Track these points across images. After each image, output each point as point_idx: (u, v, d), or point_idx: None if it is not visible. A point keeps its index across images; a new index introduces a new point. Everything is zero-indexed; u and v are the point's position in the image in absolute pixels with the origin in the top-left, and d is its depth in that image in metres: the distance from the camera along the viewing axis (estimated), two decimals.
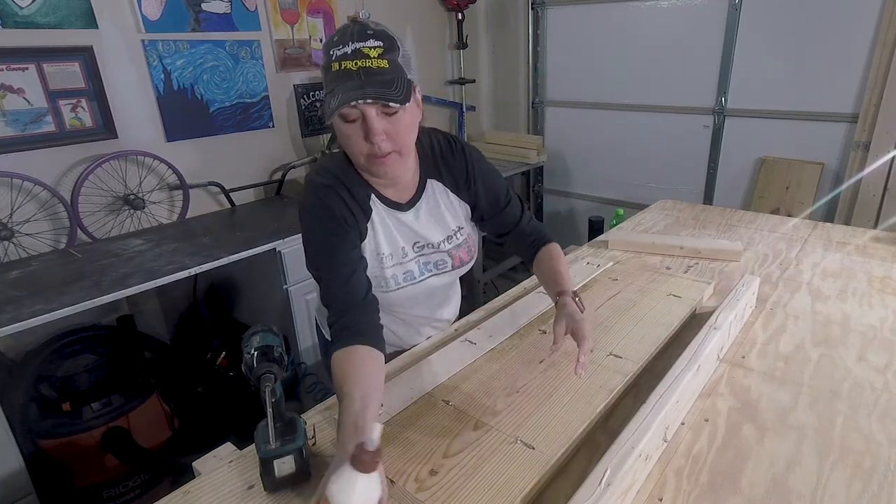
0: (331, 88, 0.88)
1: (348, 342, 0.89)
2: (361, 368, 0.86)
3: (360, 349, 0.88)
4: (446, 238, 1.11)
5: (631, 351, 1.10)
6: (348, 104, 0.85)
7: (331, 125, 0.93)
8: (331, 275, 0.96)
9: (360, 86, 0.85)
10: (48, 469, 1.76)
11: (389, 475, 0.79)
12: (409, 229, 1.07)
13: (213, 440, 1.11)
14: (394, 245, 1.07)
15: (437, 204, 1.10)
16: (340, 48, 0.87)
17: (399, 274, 1.07)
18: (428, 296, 1.16)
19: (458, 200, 1.13)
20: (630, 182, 3.30)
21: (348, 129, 0.90)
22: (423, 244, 1.10)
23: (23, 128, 1.92)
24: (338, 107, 0.85)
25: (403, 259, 1.08)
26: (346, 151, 0.97)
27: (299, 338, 2.22)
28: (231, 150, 2.51)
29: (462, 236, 1.14)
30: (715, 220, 1.96)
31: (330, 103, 0.86)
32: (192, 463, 0.90)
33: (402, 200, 1.06)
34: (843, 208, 2.56)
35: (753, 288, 1.27)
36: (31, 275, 1.81)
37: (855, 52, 2.40)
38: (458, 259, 1.13)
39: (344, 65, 0.86)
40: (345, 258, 0.96)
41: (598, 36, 3.17)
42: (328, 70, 0.89)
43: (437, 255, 1.11)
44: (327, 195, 0.97)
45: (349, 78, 0.86)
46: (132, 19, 2.12)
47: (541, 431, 0.88)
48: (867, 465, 0.82)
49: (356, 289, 0.95)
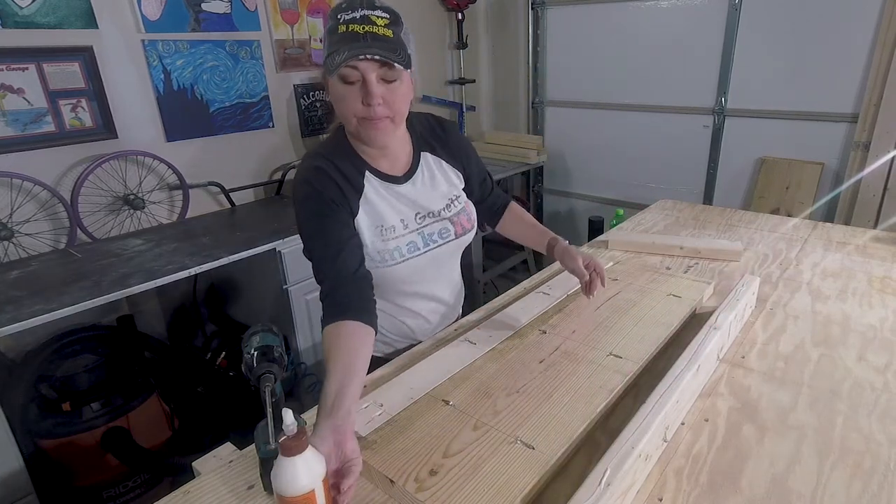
0: (335, 48, 0.89)
1: (338, 317, 0.91)
2: (347, 344, 0.88)
3: (348, 324, 0.91)
4: (446, 206, 1.15)
5: (631, 351, 1.10)
6: (355, 59, 0.88)
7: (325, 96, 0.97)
8: (321, 253, 0.99)
9: (366, 46, 0.89)
10: (48, 469, 1.76)
11: (389, 475, 0.79)
12: (408, 200, 1.10)
13: (213, 440, 1.11)
14: (394, 217, 1.08)
15: (433, 174, 1.14)
16: (349, 13, 0.90)
17: (402, 246, 1.09)
18: (435, 268, 1.18)
19: (452, 169, 1.18)
20: (630, 182, 3.30)
21: (346, 91, 0.93)
22: (423, 214, 1.12)
23: (23, 128, 1.92)
24: (343, 61, 0.88)
25: (405, 231, 1.10)
26: (340, 115, 0.98)
27: (299, 338, 2.22)
28: (231, 150, 2.51)
29: (461, 203, 1.18)
30: (715, 220, 1.96)
31: (334, 59, 0.89)
32: (192, 463, 0.90)
33: (399, 174, 1.09)
34: (843, 208, 2.56)
35: (753, 288, 1.27)
36: (31, 275, 1.81)
37: (855, 52, 2.40)
38: (459, 226, 1.16)
39: (351, 27, 0.89)
40: (335, 236, 0.99)
41: (598, 36, 3.17)
42: (333, 32, 0.91)
43: (439, 223, 1.14)
44: (317, 176, 1.00)
45: (355, 39, 0.89)
46: (132, 19, 2.12)
47: (541, 431, 0.88)
48: (867, 465, 0.82)
49: (346, 264, 0.97)
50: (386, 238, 1.07)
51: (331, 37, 0.92)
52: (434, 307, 1.24)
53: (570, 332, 1.19)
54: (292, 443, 0.68)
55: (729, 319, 1.11)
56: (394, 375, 1.06)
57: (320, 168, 1.01)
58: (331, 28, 0.92)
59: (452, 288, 1.28)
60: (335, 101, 0.97)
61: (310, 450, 0.71)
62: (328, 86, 0.97)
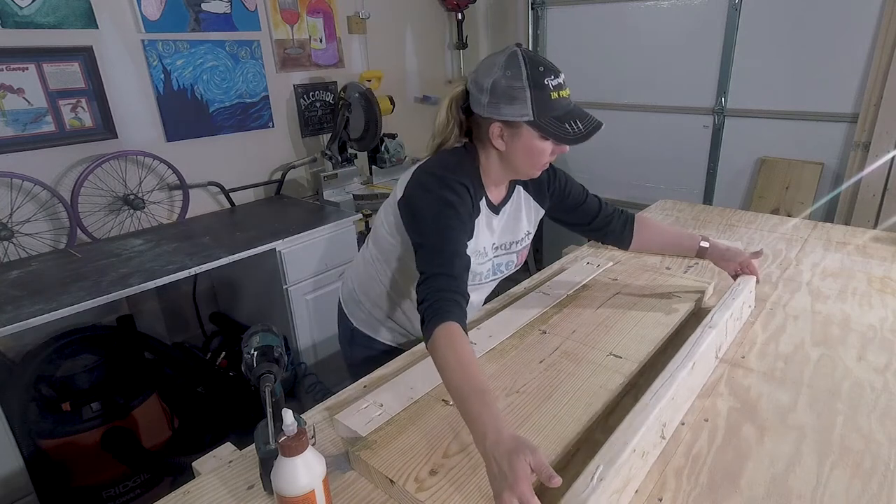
0: (556, 114, 1.00)
1: (449, 318, 0.87)
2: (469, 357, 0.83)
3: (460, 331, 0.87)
4: (519, 240, 1.24)
5: (631, 351, 1.10)
6: (594, 132, 1.02)
7: (490, 125, 1.04)
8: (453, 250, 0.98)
9: (584, 115, 1.02)
10: (48, 469, 1.76)
11: (389, 475, 0.79)
12: (495, 230, 1.19)
13: (213, 440, 1.11)
14: (482, 245, 1.17)
15: (518, 208, 1.22)
16: (553, 78, 1.00)
17: (483, 271, 1.19)
18: (486, 292, 1.30)
19: (535, 206, 1.26)
20: (630, 182, 3.30)
21: (544, 146, 1.04)
22: (499, 245, 1.21)
23: (23, 128, 1.92)
24: (587, 135, 1.01)
25: (485, 259, 1.19)
26: (526, 160, 1.07)
27: (299, 338, 2.22)
28: (231, 150, 2.51)
29: (528, 241, 1.27)
30: (715, 220, 1.96)
31: (568, 128, 1.00)
32: (192, 463, 0.90)
33: (496, 203, 1.18)
34: (842, 208, 2.56)
35: (750, 286, 1.27)
36: (31, 275, 1.81)
37: (855, 52, 2.40)
38: (519, 260, 1.26)
39: (561, 94, 1.01)
40: (461, 241, 1.01)
41: (598, 36, 3.17)
42: (542, 98, 0.99)
43: (507, 256, 1.23)
44: (458, 189, 1.04)
45: (569, 105, 1.02)
46: (132, 19, 2.12)
47: (541, 431, 0.88)
48: (867, 465, 0.82)
49: (467, 272, 0.99)
50: (474, 262, 1.12)
51: (538, 100, 0.99)
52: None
53: (570, 332, 1.19)
54: (292, 443, 0.69)
55: (725, 318, 1.11)
56: (394, 375, 1.06)
57: (464, 186, 1.05)
58: (536, 84, 0.98)
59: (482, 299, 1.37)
60: (527, 154, 1.05)
61: (310, 450, 0.71)
62: (507, 134, 1.04)
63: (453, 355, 0.83)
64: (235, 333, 2.45)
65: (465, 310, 0.91)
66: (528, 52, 1.02)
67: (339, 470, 0.86)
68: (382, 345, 1.37)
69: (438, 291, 0.91)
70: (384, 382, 1.04)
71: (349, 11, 2.85)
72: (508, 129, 1.04)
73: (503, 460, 0.68)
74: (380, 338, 1.36)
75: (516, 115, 1.00)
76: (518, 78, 0.99)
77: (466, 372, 0.80)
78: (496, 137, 1.05)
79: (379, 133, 2.70)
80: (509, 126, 1.03)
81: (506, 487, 0.66)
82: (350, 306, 1.38)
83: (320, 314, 2.27)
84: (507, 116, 1.01)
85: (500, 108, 1.01)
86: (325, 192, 2.67)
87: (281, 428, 0.71)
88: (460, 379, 0.80)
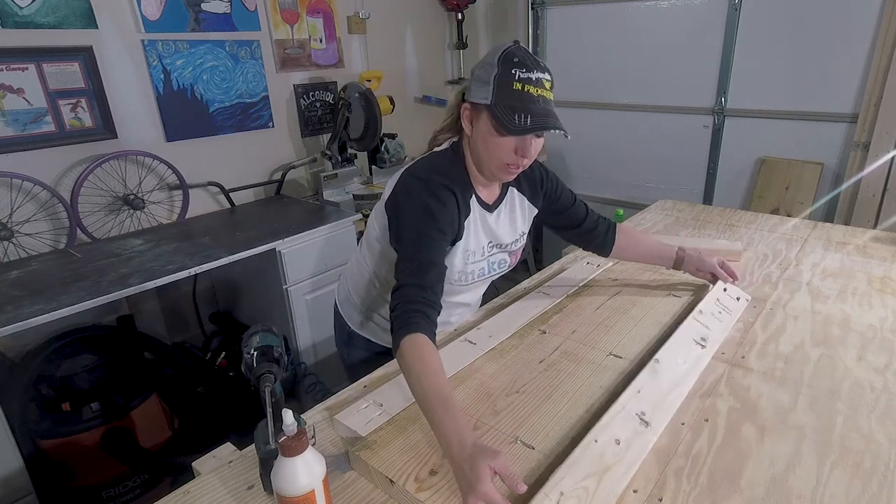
0: (513, 105, 0.97)
1: (416, 329, 0.89)
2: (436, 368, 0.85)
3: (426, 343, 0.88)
4: (514, 240, 1.24)
5: (631, 351, 1.10)
6: (540, 130, 0.97)
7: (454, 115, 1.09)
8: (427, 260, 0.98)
9: (545, 114, 0.97)
10: (48, 469, 1.76)
11: (389, 475, 0.79)
12: (489, 229, 1.18)
13: (213, 440, 1.11)
14: (478, 243, 1.17)
15: (513, 208, 1.22)
16: (524, 72, 0.97)
17: (476, 270, 1.19)
18: (482, 287, 1.31)
19: (529, 206, 1.25)
20: (630, 182, 3.30)
21: (504, 141, 1.00)
22: (495, 244, 1.21)
23: (22, 128, 1.92)
24: (529, 130, 0.96)
25: (481, 257, 1.19)
26: (486, 154, 1.05)
27: (299, 338, 2.22)
28: (231, 150, 2.51)
29: (522, 241, 1.27)
30: (715, 220, 1.96)
31: (513, 119, 0.96)
32: (192, 463, 0.90)
33: (490, 202, 1.17)
34: (842, 208, 2.56)
35: (726, 285, 1.31)
36: (31, 275, 1.81)
37: (855, 52, 2.40)
38: (515, 258, 1.27)
39: (527, 88, 0.97)
40: (436, 253, 1.01)
41: (598, 36, 3.17)
42: (503, 83, 0.98)
43: (501, 254, 1.23)
44: (442, 196, 1.04)
45: (531, 101, 0.97)
46: (132, 19, 2.12)
47: (541, 431, 0.88)
48: (867, 465, 0.82)
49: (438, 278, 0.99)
50: (467, 261, 1.15)
51: (500, 86, 0.98)
52: (465, 310, 1.34)
53: (570, 332, 1.20)
54: (292, 443, 0.69)
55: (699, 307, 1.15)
56: (394, 375, 1.06)
57: (448, 188, 1.05)
58: (500, 76, 0.98)
59: (480, 296, 1.38)
60: (484, 142, 1.03)
61: (310, 450, 0.71)
62: (474, 118, 1.04)
63: (418, 366, 0.85)
64: (235, 333, 2.45)
65: (433, 321, 0.93)
66: (520, 48, 1.01)
67: (339, 470, 0.86)
68: (379, 346, 1.37)
69: (408, 303, 0.92)
70: (384, 382, 1.04)
71: (349, 11, 2.85)
72: (475, 113, 1.04)
73: (465, 465, 0.72)
74: (376, 339, 1.36)
75: (480, 97, 1.01)
76: (491, 64, 1.00)
77: (430, 382, 0.83)
78: (465, 119, 1.06)
79: (379, 133, 2.70)
80: (475, 109, 1.04)
81: (470, 491, 0.70)
82: (346, 308, 1.38)
83: (320, 314, 2.27)
84: (474, 98, 1.02)
85: (472, 90, 1.03)
86: (325, 192, 2.67)
87: (281, 428, 0.71)
88: (424, 389, 0.82)
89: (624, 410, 0.89)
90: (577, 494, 0.74)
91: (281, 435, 0.70)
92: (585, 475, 0.77)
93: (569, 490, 0.74)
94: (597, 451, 0.80)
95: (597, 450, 0.81)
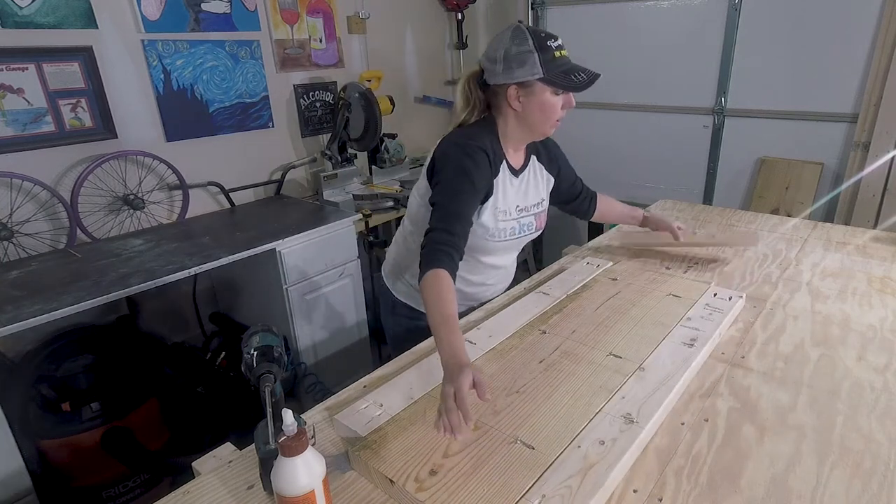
0: (561, 69, 1.17)
1: (442, 265, 1.05)
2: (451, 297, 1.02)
3: (448, 277, 1.05)
4: (535, 204, 1.38)
5: (631, 351, 1.10)
6: (593, 79, 1.18)
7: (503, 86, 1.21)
8: (457, 211, 1.14)
9: (582, 68, 1.18)
10: (48, 469, 1.76)
11: (389, 475, 0.79)
12: (517, 192, 1.32)
13: (213, 440, 1.11)
14: (507, 204, 1.30)
15: (535, 174, 1.37)
16: (554, 41, 1.17)
17: (507, 228, 1.31)
18: (515, 248, 1.43)
19: (547, 175, 1.42)
20: (630, 182, 3.30)
21: (555, 100, 1.20)
22: (521, 207, 1.34)
23: (22, 128, 1.92)
24: (588, 82, 1.18)
25: (509, 217, 1.31)
26: (542, 118, 1.22)
27: (299, 338, 2.22)
28: (231, 150, 2.51)
29: (544, 206, 1.42)
30: (715, 220, 1.96)
31: (573, 78, 1.17)
32: (192, 463, 0.90)
33: (517, 167, 1.32)
34: (842, 208, 2.56)
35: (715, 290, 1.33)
36: (31, 275, 1.80)
37: (855, 52, 2.40)
38: (539, 223, 1.39)
39: (562, 53, 1.18)
40: (467, 206, 1.16)
41: (598, 36, 3.16)
42: (547, 53, 1.16)
43: (528, 217, 1.36)
44: (476, 157, 1.19)
45: (570, 62, 1.18)
46: (132, 19, 2.12)
47: (541, 431, 0.88)
48: (867, 465, 0.82)
49: (465, 227, 1.14)
50: (498, 219, 1.28)
51: (545, 60, 1.15)
52: (501, 274, 1.47)
53: (570, 332, 1.19)
54: (292, 443, 0.69)
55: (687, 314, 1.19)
56: (394, 375, 1.07)
57: (482, 150, 1.20)
58: (541, 47, 1.15)
59: (514, 260, 1.53)
60: (541, 108, 1.20)
61: (310, 450, 0.71)
62: (522, 94, 1.19)
63: (435, 294, 1.01)
64: (235, 333, 2.45)
65: (455, 261, 1.09)
66: (530, 26, 1.20)
67: (339, 470, 0.86)
68: (423, 315, 1.42)
69: (436, 243, 1.09)
70: (384, 382, 1.04)
71: (349, 11, 2.85)
72: (523, 89, 1.19)
73: (454, 369, 0.89)
74: (417, 306, 1.45)
75: (528, 74, 1.16)
76: (525, 44, 1.16)
77: (442, 307, 0.99)
78: (513, 99, 1.20)
79: (379, 133, 2.70)
80: (523, 86, 1.18)
81: (449, 382, 0.88)
82: (391, 279, 1.50)
83: (320, 314, 2.27)
84: (520, 78, 1.17)
85: (514, 71, 1.17)
86: (325, 192, 2.67)
87: (281, 428, 0.71)
88: (434, 315, 0.99)
89: (608, 416, 0.90)
90: (560, 493, 0.75)
91: (281, 435, 0.70)
92: (569, 475, 0.78)
93: (551, 492, 0.75)
94: (581, 454, 0.82)
95: (580, 453, 0.83)
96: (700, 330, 1.16)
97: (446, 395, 0.86)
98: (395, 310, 1.50)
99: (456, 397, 0.85)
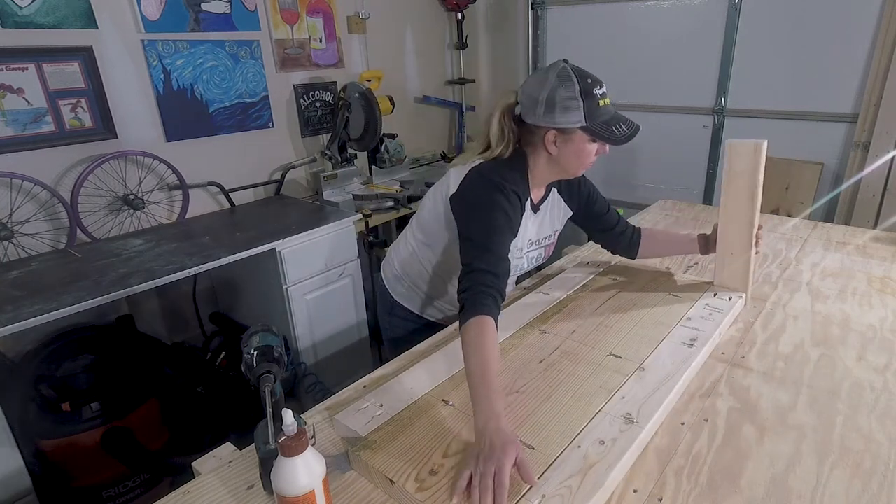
0: (603, 119, 1.16)
1: (487, 311, 0.97)
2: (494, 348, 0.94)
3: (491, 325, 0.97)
4: (547, 237, 1.38)
5: (631, 351, 1.10)
6: (634, 132, 1.19)
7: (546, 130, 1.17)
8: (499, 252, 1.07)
9: (625, 119, 1.18)
10: (48, 469, 1.76)
11: (389, 475, 0.79)
12: (531, 227, 1.31)
13: (213, 440, 1.11)
14: (523, 241, 1.29)
15: (552, 207, 1.36)
16: (599, 88, 1.16)
17: (516, 266, 1.29)
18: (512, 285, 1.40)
19: (565, 207, 1.39)
20: (630, 182, 3.30)
21: (592, 148, 1.19)
22: (534, 241, 1.34)
23: (22, 128, 1.91)
24: (629, 136, 1.18)
25: (522, 254, 1.31)
26: (576, 162, 1.20)
27: (299, 338, 2.22)
28: (231, 150, 2.51)
29: (555, 238, 1.41)
30: (715, 219, 1.94)
31: (615, 130, 1.16)
32: (192, 463, 0.90)
33: (537, 202, 1.31)
34: (842, 208, 2.56)
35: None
36: (31, 275, 1.80)
37: (855, 52, 2.40)
38: (546, 253, 1.40)
39: (606, 102, 1.16)
40: (505, 246, 1.10)
41: (598, 36, 3.16)
42: (593, 106, 1.14)
43: (538, 249, 1.36)
44: (511, 199, 1.14)
45: (613, 112, 1.18)
46: (132, 19, 2.12)
47: (541, 431, 0.88)
48: (867, 465, 0.82)
49: (508, 274, 1.08)
50: (513, 256, 1.22)
51: (590, 109, 1.13)
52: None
53: (570, 332, 1.20)
54: (292, 443, 0.69)
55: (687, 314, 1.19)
56: (394, 375, 1.07)
57: (516, 194, 1.16)
58: (587, 94, 1.13)
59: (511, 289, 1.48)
60: (577, 155, 1.18)
61: (310, 450, 0.71)
62: (559, 139, 1.17)
63: (479, 344, 0.92)
64: (235, 333, 2.45)
65: (500, 307, 1.02)
66: (576, 67, 1.16)
67: (339, 470, 0.86)
68: (420, 318, 1.47)
69: (481, 285, 1.01)
70: (384, 382, 1.04)
71: (349, 11, 2.85)
72: (562, 136, 1.16)
73: (497, 441, 0.78)
74: (414, 309, 1.47)
75: (570, 122, 1.14)
76: (571, 89, 1.13)
77: (484, 362, 0.90)
78: (550, 143, 1.18)
79: (379, 133, 2.70)
80: (563, 133, 1.16)
81: (490, 457, 0.76)
82: (391, 281, 1.49)
83: (320, 314, 2.27)
84: (561, 124, 1.14)
85: (556, 117, 1.14)
86: (325, 192, 2.67)
87: (281, 428, 0.71)
88: (476, 365, 0.90)
89: (608, 416, 0.90)
90: (560, 493, 0.75)
91: (281, 435, 0.70)
92: (569, 475, 0.78)
93: (551, 491, 0.75)
94: (580, 454, 0.82)
95: (580, 452, 0.82)
96: (700, 330, 1.16)
97: (485, 474, 0.75)
98: (394, 311, 1.49)
99: (495, 477, 0.75)
